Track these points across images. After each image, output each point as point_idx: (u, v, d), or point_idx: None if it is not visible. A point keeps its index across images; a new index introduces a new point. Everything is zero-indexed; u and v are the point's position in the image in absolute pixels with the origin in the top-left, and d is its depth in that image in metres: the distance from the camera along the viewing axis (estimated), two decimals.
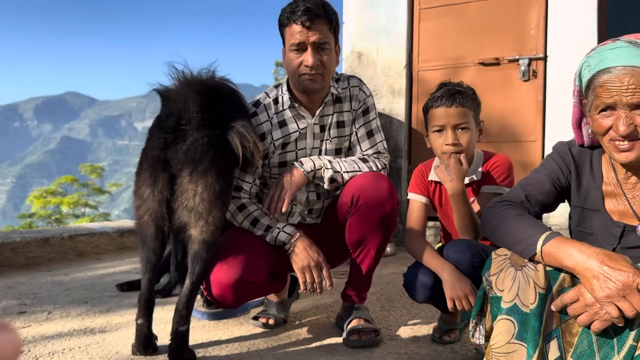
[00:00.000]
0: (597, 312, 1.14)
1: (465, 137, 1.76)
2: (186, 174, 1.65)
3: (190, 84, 1.74)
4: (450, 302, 1.66)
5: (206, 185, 1.65)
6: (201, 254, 1.70)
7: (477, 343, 1.42)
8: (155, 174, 1.67)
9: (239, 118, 1.76)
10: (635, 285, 1.09)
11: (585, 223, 1.41)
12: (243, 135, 1.72)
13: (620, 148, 1.24)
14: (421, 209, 1.90)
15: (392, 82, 4.26)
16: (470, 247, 1.65)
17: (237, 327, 2.13)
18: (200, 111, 1.69)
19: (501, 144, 3.82)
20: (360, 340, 1.88)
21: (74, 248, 3.64)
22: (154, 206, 1.68)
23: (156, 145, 1.69)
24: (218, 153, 1.68)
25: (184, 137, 1.67)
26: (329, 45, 1.87)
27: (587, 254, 1.15)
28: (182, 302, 1.69)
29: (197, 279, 1.71)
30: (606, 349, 1.19)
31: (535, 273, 1.23)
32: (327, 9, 1.87)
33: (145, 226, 1.72)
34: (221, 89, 1.82)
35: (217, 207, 1.69)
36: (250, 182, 1.95)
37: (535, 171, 1.49)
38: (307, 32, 1.83)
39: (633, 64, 1.19)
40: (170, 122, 1.70)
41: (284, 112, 1.98)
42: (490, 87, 3.89)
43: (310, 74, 1.86)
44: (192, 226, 1.67)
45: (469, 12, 4.02)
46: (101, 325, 2.17)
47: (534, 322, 1.21)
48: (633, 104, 1.20)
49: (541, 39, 3.74)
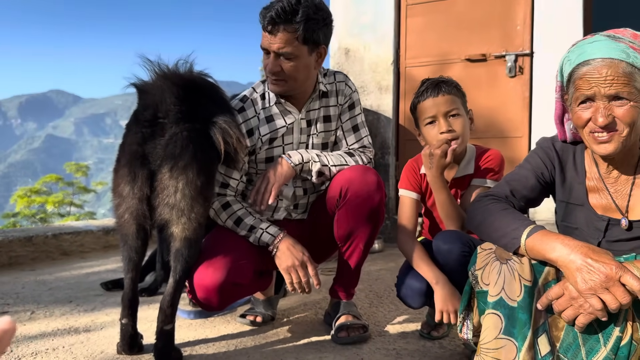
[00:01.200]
0: (581, 306, 1.15)
1: (458, 123, 1.78)
2: (166, 170, 1.60)
3: (167, 76, 1.69)
4: (438, 315, 1.69)
5: (187, 181, 1.61)
6: (183, 252, 1.66)
7: (465, 338, 1.42)
8: (134, 170, 1.61)
9: (220, 113, 1.72)
10: (618, 277, 1.09)
11: (570, 218, 1.42)
12: (226, 130, 1.68)
13: (599, 140, 1.25)
14: (412, 205, 1.89)
15: (380, 78, 4.26)
16: (460, 237, 1.65)
17: (224, 325, 2.11)
18: (178, 103, 1.64)
19: (488, 139, 3.83)
20: (349, 336, 1.87)
21: (58, 247, 3.59)
22: (134, 204, 1.63)
23: (133, 140, 1.63)
24: (199, 147, 1.63)
25: (162, 131, 1.62)
26: (293, 54, 1.82)
27: (570, 246, 1.16)
28: (167, 300, 1.66)
29: (181, 276, 1.68)
30: (591, 341, 1.20)
31: (520, 266, 1.23)
32: (298, 16, 1.77)
33: (125, 225, 1.67)
34: (200, 82, 1.77)
35: (199, 203, 1.65)
36: (237, 179, 1.93)
37: (519, 166, 1.49)
38: (271, 38, 1.82)
39: (612, 56, 1.21)
40: (147, 115, 1.65)
41: (271, 107, 1.97)
42: (477, 83, 3.90)
43: (272, 77, 1.87)
44: (174, 223, 1.63)
45: (455, 9, 4.03)
46: (86, 324, 2.13)
47: (521, 315, 1.21)
48: (611, 95, 1.21)
49: (527, 35, 3.76)
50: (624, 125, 1.22)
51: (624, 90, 1.20)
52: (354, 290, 2.04)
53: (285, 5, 1.76)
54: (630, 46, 1.21)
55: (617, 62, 1.20)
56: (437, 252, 1.69)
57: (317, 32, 1.84)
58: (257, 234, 1.85)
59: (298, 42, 1.81)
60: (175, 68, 1.73)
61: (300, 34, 1.79)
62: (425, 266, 1.75)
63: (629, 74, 1.20)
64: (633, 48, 1.21)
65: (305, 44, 1.83)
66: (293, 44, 1.80)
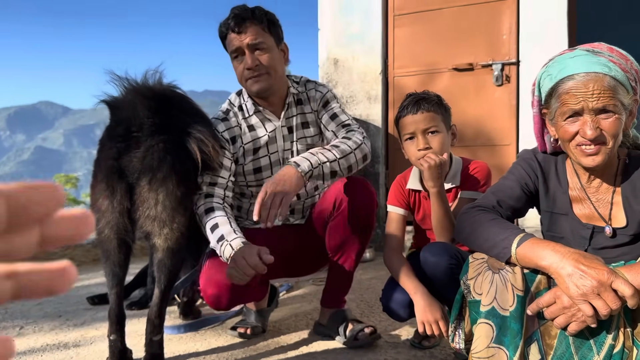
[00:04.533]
0: (574, 314, 1.16)
1: (436, 140, 1.79)
2: (145, 183, 1.60)
3: (138, 90, 1.70)
4: (420, 326, 1.69)
5: (167, 192, 1.61)
6: (166, 262, 1.67)
7: (457, 347, 1.42)
8: (112, 184, 1.61)
9: (194, 122, 1.73)
10: (610, 283, 1.10)
11: (556, 227, 1.43)
12: (201, 140, 1.69)
13: (586, 152, 1.27)
14: (400, 221, 1.92)
15: (369, 88, 4.28)
16: (447, 249, 1.66)
17: (214, 338, 2.10)
18: (151, 116, 1.64)
19: (476, 148, 3.86)
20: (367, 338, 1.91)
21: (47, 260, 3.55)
22: (115, 218, 1.62)
23: (109, 155, 1.63)
24: (176, 158, 1.64)
25: (137, 144, 1.62)
26: (265, 44, 1.89)
27: (561, 253, 1.17)
28: (154, 311, 1.66)
29: (166, 286, 1.69)
30: (584, 349, 1.20)
31: (512, 275, 1.24)
32: (257, 11, 1.90)
33: (107, 240, 1.66)
34: (170, 95, 1.78)
35: (180, 213, 1.66)
36: (225, 178, 1.89)
37: (503, 178, 1.51)
38: (240, 36, 1.87)
39: (595, 70, 1.23)
40: (120, 131, 1.65)
41: (251, 117, 1.99)
42: (465, 92, 3.93)
43: (253, 75, 1.89)
44: (156, 235, 1.64)
45: (442, 19, 4.07)
46: (75, 339, 2.12)
47: (513, 325, 1.21)
48: (598, 108, 1.23)
49: (513, 44, 3.80)
50: (609, 137, 1.24)
51: (610, 103, 1.22)
52: (345, 297, 2.08)
53: (244, 7, 1.90)
54: (610, 60, 1.24)
55: (601, 75, 1.22)
56: (424, 264, 1.69)
57: (277, 28, 1.95)
58: (223, 246, 1.71)
59: (266, 33, 1.90)
60: (145, 81, 1.73)
61: (266, 26, 1.90)
62: (404, 277, 1.77)
63: (613, 87, 1.22)
64: (612, 62, 1.24)
65: (272, 35, 1.92)
66: (263, 35, 1.89)
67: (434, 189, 1.75)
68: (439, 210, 1.76)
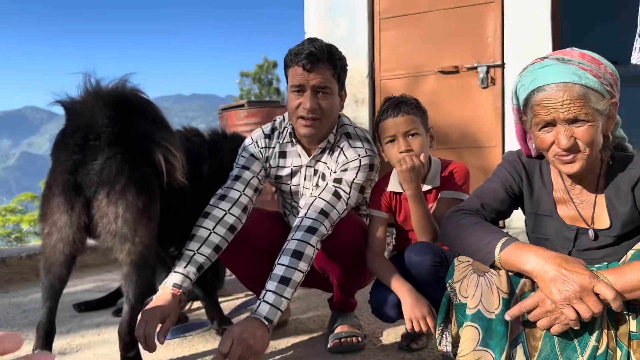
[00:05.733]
0: (557, 317, 1.17)
1: (417, 142, 1.81)
2: (103, 197, 1.53)
3: (98, 94, 1.60)
4: (409, 323, 1.70)
5: (127, 205, 1.53)
6: (132, 277, 1.60)
7: (445, 350, 1.42)
8: (69, 200, 1.53)
9: (157, 130, 1.66)
10: (592, 287, 1.11)
11: (540, 229, 1.44)
12: (167, 149, 1.62)
13: (564, 161, 1.29)
14: (382, 224, 1.94)
15: (356, 91, 4.30)
16: (430, 248, 1.69)
17: (202, 344, 2.09)
18: (110, 124, 1.56)
19: (462, 150, 3.88)
20: (341, 345, 1.90)
21: (32, 268, 3.51)
22: (71, 234, 1.55)
23: (64, 169, 1.55)
24: (135, 168, 1.56)
25: (94, 155, 1.54)
26: (330, 90, 1.87)
27: (543, 257, 1.18)
28: (123, 328, 1.60)
29: (135, 301, 1.62)
30: (568, 351, 1.21)
31: (498, 278, 1.25)
32: (333, 54, 1.87)
33: (56, 254, 1.59)
34: (134, 100, 1.68)
35: (142, 225, 1.58)
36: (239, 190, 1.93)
37: (488, 180, 1.52)
38: (308, 75, 1.83)
39: (564, 80, 1.24)
40: (77, 139, 1.55)
41: (286, 144, 2.02)
42: (450, 95, 3.96)
43: (306, 117, 1.85)
44: (118, 250, 1.57)
45: (428, 22, 4.09)
46: (61, 347, 2.09)
47: (499, 328, 1.22)
48: (570, 118, 1.24)
49: (498, 47, 3.83)
50: (585, 145, 1.26)
51: (581, 112, 1.23)
52: (353, 300, 2.09)
53: (322, 45, 1.86)
54: (580, 67, 1.25)
55: (570, 85, 1.23)
56: (409, 264, 1.71)
57: (345, 74, 1.96)
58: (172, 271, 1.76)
59: (334, 79, 1.88)
60: (107, 85, 1.65)
61: (337, 72, 1.88)
62: (390, 277, 1.78)
63: (584, 95, 1.23)
64: (583, 68, 1.25)
65: (338, 82, 1.90)
66: (331, 81, 1.87)
67: (410, 191, 1.78)
68: (417, 212, 1.78)
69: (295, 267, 1.69)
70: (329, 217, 1.81)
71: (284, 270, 1.68)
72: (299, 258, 1.70)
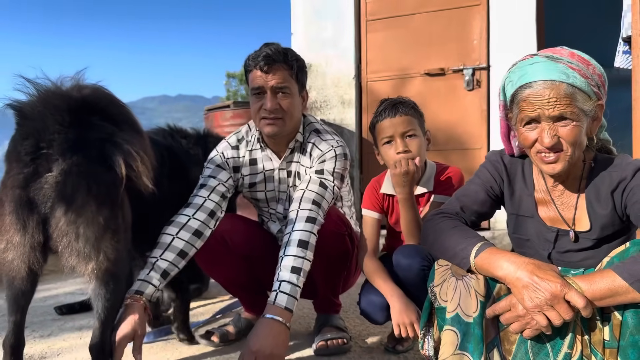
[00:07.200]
0: (528, 322, 1.17)
1: (414, 143, 1.81)
2: (60, 214, 1.41)
3: (50, 98, 1.47)
4: (396, 328, 1.70)
5: (88, 222, 1.42)
6: (100, 291, 1.51)
7: (427, 354, 1.42)
8: (23, 217, 1.41)
9: (120, 131, 1.52)
10: (563, 295, 1.12)
11: (521, 230, 1.45)
12: (128, 153, 1.49)
13: (546, 160, 1.29)
14: (374, 225, 1.93)
15: (342, 92, 4.30)
16: (418, 251, 1.68)
17: (187, 347, 2.06)
18: (64, 131, 1.42)
19: (448, 152, 3.90)
20: (327, 348, 1.90)
21: None
22: (27, 251, 1.43)
23: (15, 183, 1.41)
24: (93, 178, 1.44)
25: (47, 165, 1.40)
26: (289, 89, 1.89)
27: (516, 264, 1.18)
28: (96, 345, 1.52)
29: (106, 316, 1.54)
30: (541, 355, 1.22)
31: (476, 282, 1.25)
32: (289, 55, 1.90)
33: (15, 268, 1.47)
34: (92, 100, 1.54)
35: (106, 240, 1.47)
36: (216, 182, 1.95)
37: (469, 182, 1.52)
38: (266, 76, 1.87)
39: (552, 78, 1.24)
40: (27, 147, 1.41)
41: (255, 151, 2.04)
42: (436, 97, 3.98)
43: (268, 117, 1.88)
44: (83, 269, 1.46)
45: (414, 24, 4.11)
46: (42, 351, 2.06)
47: (477, 331, 1.22)
48: (555, 116, 1.25)
49: (484, 50, 3.86)
50: (568, 145, 1.26)
51: (567, 110, 1.23)
52: (338, 302, 2.11)
53: (278, 48, 1.90)
54: (569, 66, 1.25)
55: (557, 83, 1.24)
56: (397, 267, 1.70)
57: (304, 75, 1.98)
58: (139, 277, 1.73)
59: (292, 79, 1.91)
60: (61, 85, 1.52)
61: (294, 72, 1.91)
62: (380, 281, 1.77)
63: (571, 94, 1.23)
64: (572, 68, 1.25)
65: (297, 82, 1.93)
66: (289, 81, 1.90)
67: (401, 195, 1.77)
68: (407, 217, 1.78)
69: (303, 256, 1.73)
70: (321, 207, 1.84)
71: (293, 260, 1.71)
72: (305, 247, 1.74)
